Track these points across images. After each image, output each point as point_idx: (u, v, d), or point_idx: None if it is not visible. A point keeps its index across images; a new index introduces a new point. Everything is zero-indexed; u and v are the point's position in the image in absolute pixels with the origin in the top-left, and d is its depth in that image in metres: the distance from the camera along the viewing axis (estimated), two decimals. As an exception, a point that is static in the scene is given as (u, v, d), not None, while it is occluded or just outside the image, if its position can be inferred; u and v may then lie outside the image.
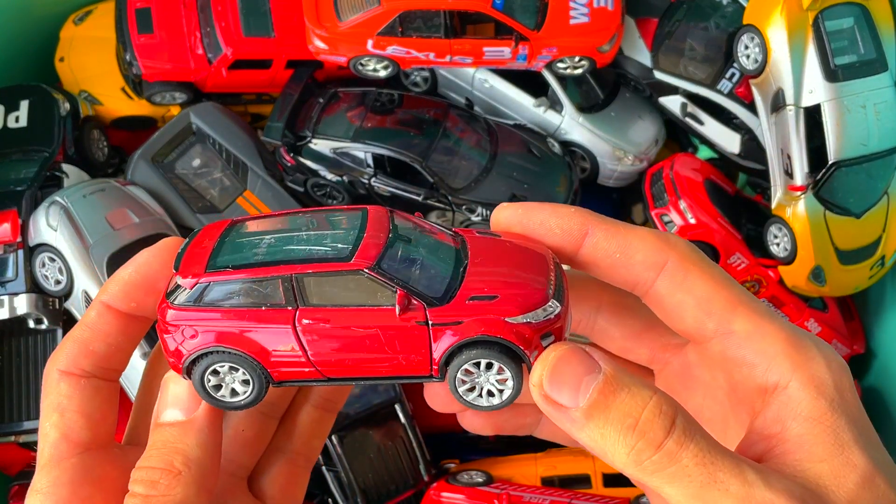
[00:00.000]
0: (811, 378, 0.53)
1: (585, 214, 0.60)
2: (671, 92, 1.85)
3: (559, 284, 0.58)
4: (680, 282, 0.57)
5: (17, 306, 1.61)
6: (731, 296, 0.57)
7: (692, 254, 0.58)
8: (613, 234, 0.59)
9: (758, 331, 0.55)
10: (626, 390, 0.51)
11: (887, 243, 1.71)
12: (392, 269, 0.57)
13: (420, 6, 1.69)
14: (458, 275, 0.58)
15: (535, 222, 0.60)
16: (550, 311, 0.56)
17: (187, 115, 1.86)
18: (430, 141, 1.76)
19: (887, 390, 1.89)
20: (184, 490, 0.55)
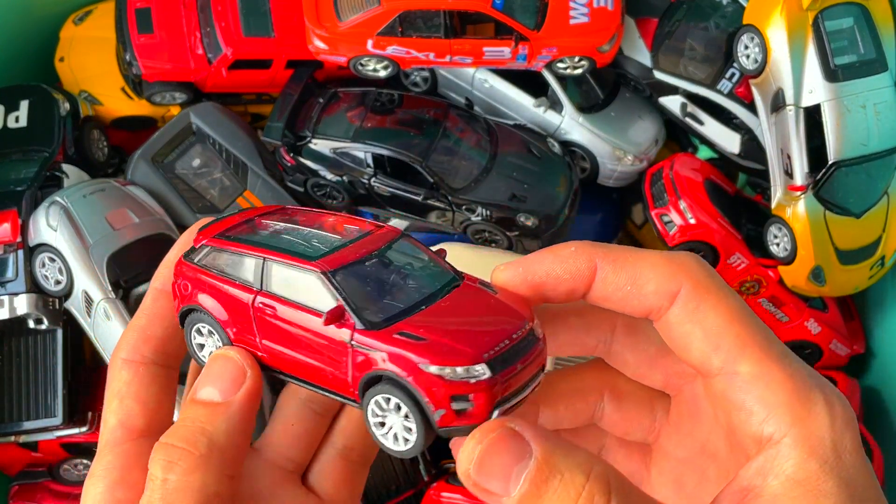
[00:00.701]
0: (807, 436, 0.51)
1: (589, 250, 0.57)
2: (671, 92, 1.85)
3: (511, 354, 0.54)
4: (692, 311, 0.54)
5: (17, 306, 1.62)
6: (744, 332, 0.54)
7: (708, 280, 0.55)
8: (622, 266, 0.56)
9: (763, 376, 0.52)
10: (559, 478, 0.49)
11: (887, 243, 1.71)
12: (345, 281, 0.56)
13: (420, 6, 1.69)
14: (412, 311, 0.56)
15: (541, 275, 0.57)
16: (473, 375, 0.52)
17: (187, 115, 1.86)
18: (430, 141, 1.76)
19: (887, 390, 1.89)
20: (202, 476, 0.54)
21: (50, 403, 1.68)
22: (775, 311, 1.85)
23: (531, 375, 0.56)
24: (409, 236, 0.61)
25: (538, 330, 0.57)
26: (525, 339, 0.55)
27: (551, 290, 0.58)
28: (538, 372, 0.56)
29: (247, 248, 0.60)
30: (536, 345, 0.56)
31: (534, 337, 0.56)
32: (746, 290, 1.83)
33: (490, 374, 0.52)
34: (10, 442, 1.72)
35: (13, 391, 1.68)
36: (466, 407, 0.52)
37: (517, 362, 0.54)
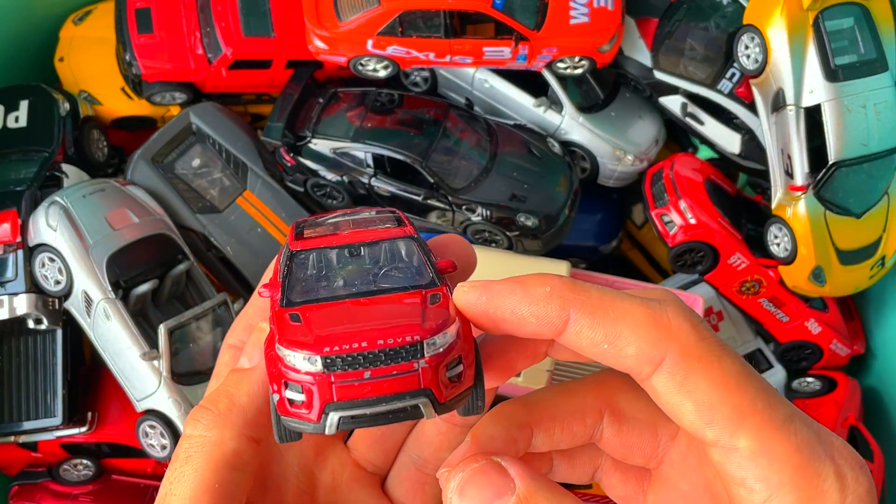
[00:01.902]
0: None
1: (564, 295, 0.50)
2: (671, 92, 1.85)
3: (362, 359, 0.49)
4: (680, 383, 0.48)
5: (16, 306, 1.61)
6: (742, 401, 0.48)
7: (697, 345, 0.49)
8: (600, 322, 0.49)
9: (765, 451, 0.47)
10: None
11: (887, 243, 1.71)
12: (298, 260, 0.57)
13: (420, 6, 1.69)
14: (329, 300, 0.54)
15: (505, 311, 0.51)
16: (304, 365, 0.50)
17: (187, 115, 1.86)
18: (430, 141, 1.76)
19: (887, 390, 1.89)
20: (220, 432, 0.55)
21: (50, 403, 1.68)
22: (775, 311, 1.85)
23: (388, 393, 0.50)
24: (416, 239, 0.57)
25: (432, 350, 0.50)
26: (395, 350, 0.49)
27: (513, 328, 0.52)
28: (405, 395, 0.50)
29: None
30: (408, 362, 0.50)
31: (412, 353, 0.49)
32: (746, 290, 1.83)
33: (320, 370, 0.49)
34: (9, 442, 1.72)
35: (13, 391, 1.68)
36: (297, 398, 0.50)
37: (366, 369, 0.49)
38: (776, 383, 1.90)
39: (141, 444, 1.67)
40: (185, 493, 0.53)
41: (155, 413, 1.61)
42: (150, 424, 1.62)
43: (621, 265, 2.10)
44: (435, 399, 0.50)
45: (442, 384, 0.50)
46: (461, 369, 0.51)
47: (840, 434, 1.72)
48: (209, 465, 0.54)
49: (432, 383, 0.50)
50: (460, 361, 0.51)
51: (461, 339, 0.51)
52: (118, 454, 1.79)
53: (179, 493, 0.54)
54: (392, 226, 0.60)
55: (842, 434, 1.73)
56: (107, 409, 1.75)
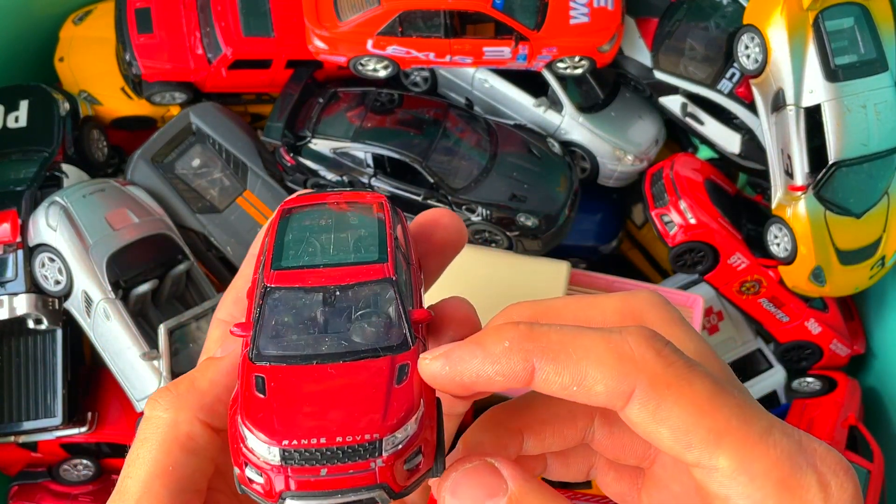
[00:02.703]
0: None
1: (524, 346, 0.49)
2: (671, 92, 1.85)
3: (321, 456, 0.49)
4: (652, 412, 0.48)
5: (16, 306, 1.61)
6: (717, 422, 0.47)
7: (665, 372, 0.48)
8: (564, 366, 0.48)
9: (746, 468, 0.47)
10: None
11: (888, 243, 1.71)
12: (274, 302, 0.56)
13: (420, 6, 1.69)
14: (295, 361, 0.53)
15: (471, 376, 0.50)
16: (265, 454, 0.50)
17: (187, 115, 1.86)
18: (430, 141, 1.76)
19: (887, 390, 1.89)
20: (175, 414, 0.55)
21: (49, 403, 1.68)
22: (775, 311, 1.85)
23: (343, 488, 0.50)
24: (392, 283, 0.55)
25: (391, 449, 0.50)
26: (353, 449, 0.49)
27: (484, 388, 0.51)
28: (360, 489, 0.50)
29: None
30: (366, 461, 0.49)
31: (370, 452, 0.49)
32: (746, 290, 1.83)
33: (278, 463, 0.49)
34: (9, 442, 1.72)
35: (13, 391, 1.68)
36: (257, 479, 0.50)
37: (323, 466, 0.49)
38: (776, 383, 1.90)
39: (141, 444, 1.66)
40: (139, 474, 0.53)
41: (155, 413, 1.61)
42: (150, 424, 1.62)
43: (621, 265, 2.10)
44: (391, 490, 0.50)
45: (398, 478, 0.50)
46: (419, 459, 0.51)
47: (840, 434, 1.72)
48: (163, 447, 0.54)
49: (388, 479, 0.50)
50: (419, 452, 0.51)
51: (423, 426, 0.51)
52: (118, 454, 1.79)
53: (134, 476, 0.53)
54: (373, 252, 0.57)
55: (842, 434, 1.73)
56: (107, 409, 1.75)
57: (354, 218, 0.61)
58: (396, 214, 0.62)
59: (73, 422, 1.70)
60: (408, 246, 0.60)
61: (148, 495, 0.53)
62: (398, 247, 0.58)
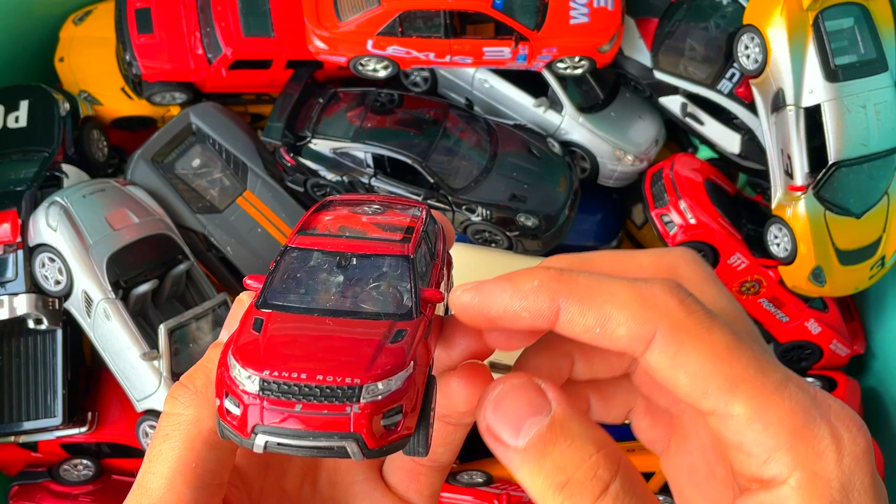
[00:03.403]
0: (812, 478, 0.47)
1: (552, 286, 0.51)
2: (671, 92, 1.85)
3: (297, 391, 0.49)
4: (671, 357, 0.49)
5: (16, 306, 1.62)
6: (734, 370, 0.48)
7: (686, 318, 0.49)
8: (589, 307, 0.50)
9: (760, 415, 0.48)
10: (569, 442, 0.47)
11: (887, 243, 1.71)
12: (289, 260, 0.57)
13: (420, 6, 1.69)
14: (297, 310, 0.54)
15: (498, 309, 0.52)
16: (244, 382, 0.50)
17: (187, 115, 1.86)
18: (430, 141, 1.76)
19: (887, 390, 1.89)
20: (196, 411, 0.54)
21: (50, 403, 1.68)
22: (775, 311, 1.85)
23: (316, 429, 0.49)
24: (410, 261, 0.56)
25: (370, 397, 0.49)
26: (331, 389, 0.49)
27: (509, 324, 0.53)
28: (333, 435, 0.49)
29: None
30: (342, 405, 0.49)
31: (348, 396, 0.49)
32: (746, 290, 1.83)
33: (256, 391, 0.49)
34: (9, 442, 1.72)
35: (13, 391, 1.68)
36: (234, 410, 0.50)
37: (298, 402, 0.49)
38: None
39: (141, 444, 1.67)
40: (162, 471, 0.53)
41: (155, 413, 1.61)
42: (151, 424, 1.62)
43: (621, 265, 2.10)
44: (364, 445, 0.49)
45: (374, 431, 0.49)
46: (399, 418, 0.50)
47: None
48: (186, 444, 0.54)
49: (363, 429, 0.49)
50: (399, 410, 0.50)
51: (408, 386, 0.50)
52: (118, 454, 1.79)
53: (157, 472, 0.53)
54: (398, 236, 0.58)
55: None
56: (107, 409, 1.76)
57: (392, 208, 0.62)
58: (434, 221, 0.63)
59: (73, 422, 1.70)
60: (435, 244, 0.62)
61: (171, 492, 0.53)
62: (426, 239, 0.59)
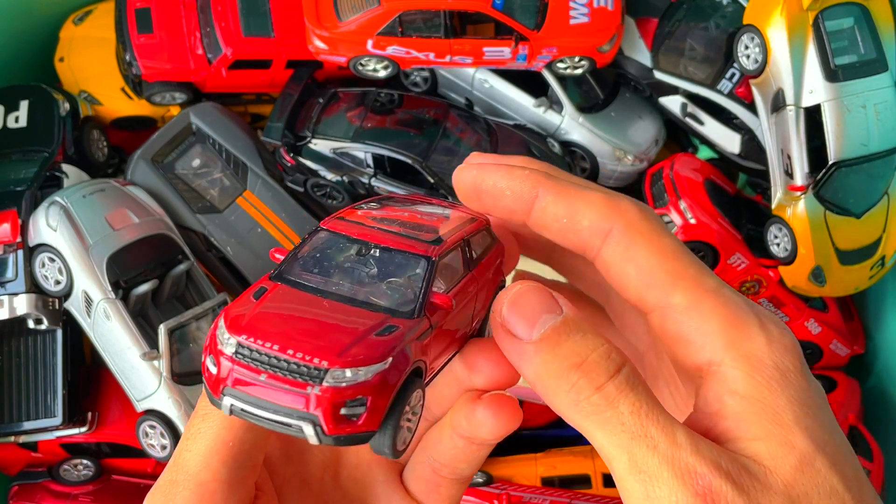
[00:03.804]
0: (745, 356, 0.51)
1: (538, 176, 0.58)
2: (671, 92, 1.85)
3: (268, 360, 0.49)
4: (623, 250, 0.55)
5: (16, 306, 1.62)
6: (676, 267, 0.54)
7: (640, 222, 0.55)
8: (562, 198, 0.57)
9: (696, 306, 0.53)
10: (580, 335, 0.51)
11: (887, 243, 1.71)
12: (317, 240, 0.58)
13: (420, 6, 1.69)
14: (304, 288, 0.54)
15: (489, 184, 0.59)
16: (223, 341, 0.50)
17: (187, 116, 1.86)
18: (430, 141, 1.76)
19: (887, 390, 1.89)
20: (218, 422, 0.55)
21: (50, 403, 1.68)
22: (775, 311, 1.85)
23: (275, 403, 0.49)
24: (429, 262, 0.55)
25: (333, 382, 0.49)
26: (297, 366, 0.49)
27: (493, 202, 0.59)
28: (292, 412, 0.49)
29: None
30: (304, 383, 0.49)
31: (312, 377, 0.49)
32: (747, 290, 1.83)
33: (230, 354, 0.50)
34: (10, 442, 1.72)
35: (13, 391, 1.68)
36: (211, 369, 0.51)
37: (265, 372, 0.49)
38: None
39: (141, 445, 1.67)
40: (199, 449, 0.54)
41: (155, 413, 1.61)
42: (151, 424, 1.62)
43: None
44: (321, 429, 0.49)
45: (333, 418, 0.49)
46: (362, 411, 0.49)
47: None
48: (224, 423, 0.54)
49: (322, 413, 0.49)
50: (363, 403, 0.49)
51: (379, 382, 0.50)
52: (118, 454, 1.79)
53: (194, 450, 0.54)
54: (430, 237, 0.58)
55: (842, 434, 1.73)
56: (107, 409, 1.76)
57: (443, 213, 0.62)
58: (491, 236, 0.63)
59: (73, 422, 1.70)
60: (479, 259, 0.61)
61: (207, 470, 0.54)
62: (464, 249, 0.59)
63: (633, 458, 0.48)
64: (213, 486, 0.53)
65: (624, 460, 0.48)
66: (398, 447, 0.52)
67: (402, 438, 0.53)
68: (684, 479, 0.47)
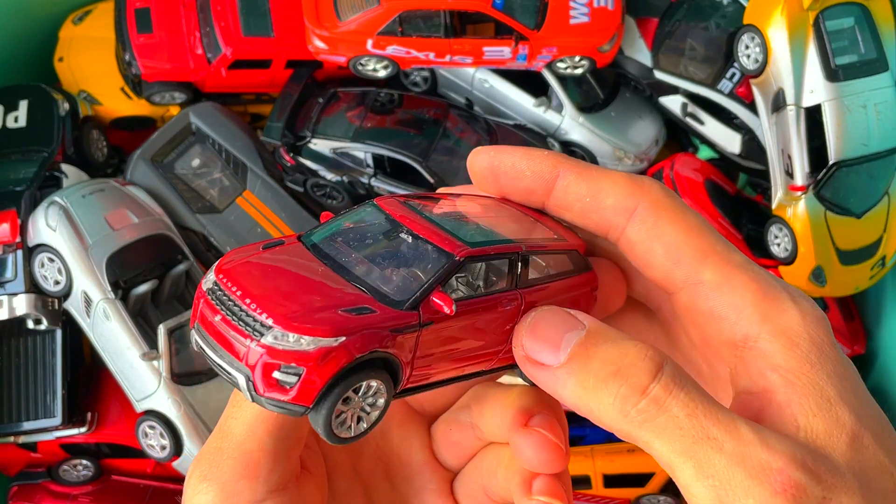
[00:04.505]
0: (782, 330, 0.50)
1: (557, 157, 0.57)
2: (671, 92, 1.85)
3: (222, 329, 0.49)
4: (650, 228, 0.54)
5: (16, 307, 1.61)
6: (703, 244, 0.53)
7: (665, 199, 0.55)
8: (584, 177, 0.56)
9: (727, 281, 0.52)
10: (610, 342, 0.49)
11: (888, 243, 1.71)
12: (362, 211, 0.58)
13: (420, 6, 1.69)
14: (327, 260, 0.53)
15: (507, 164, 0.58)
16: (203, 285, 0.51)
17: (187, 115, 1.86)
18: (430, 141, 1.76)
19: (887, 390, 1.89)
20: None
21: (49, 404, 1.68)
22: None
23: (220, 346, 0.49)
24: (450, 260, 0.52)
25: (272, 341, 0.47)
26: (248, 316, 0.48)
27: (512, 182, 0.58)
28: (232, 360, 0.49)
29: None
30: (248, 335, 0.48)
31: (257, 331, 0.48)
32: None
33: (207, 288, 0.51)
34: (9, 442, 1.72)
35: (12, 391, 1.68)
36: (196, 304, 0.52)
37: (221, 313, 0.49)
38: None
39: (140, 445, 1.66)
40: (245, 417, 0.54)
41: (155, 413, 1.61)
42: (150, 425, 1.62)
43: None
44: (252, 386, 0.48)
45: (264, 377, 0.48)
46: (294, 381, 0.48)
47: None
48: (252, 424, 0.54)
49: (255, 369, 0.48)
50: (298, 374, 0.47)
51: (321, 357, 0.47)
52: (118, 454, 1.79)
53: (239, 417, 0.54)
54: (471, 239, 0.55)
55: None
56: (107, 409, 1.75)
57: (532, 226, 0.59)
58: (582, 265, 0.59)
59: (73, 422, 1.70)
60: (540, 282, 0.56)
61: (252, 439, 0.53)
62: (515, 265, 0.55)
63: (699, 464, 0.45)
64: (257, 456, 0.53)
65: (689, 467, 0.45)
66: (336, 433, 0.50)
67: (344, 426, 0.50)
68: (760, 479, 0.44)
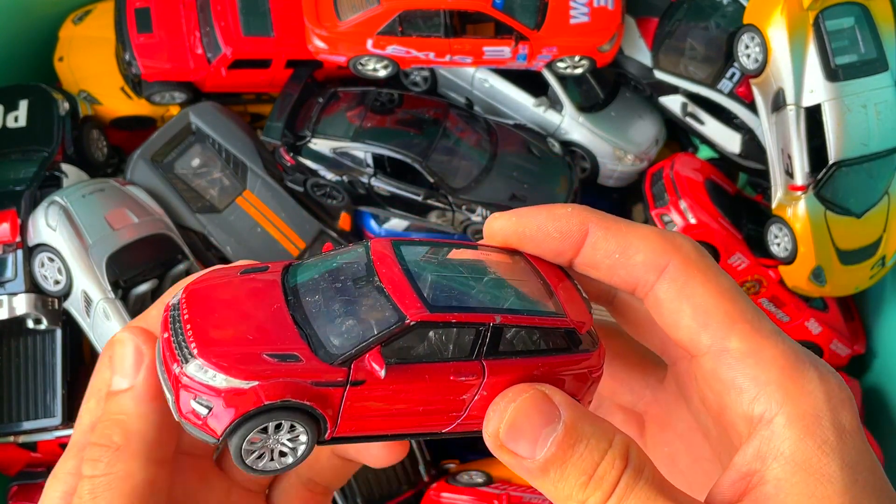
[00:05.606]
0: (802, 414, 0.48)
1: (584, 213, 0.56)
2: (671, 91, 1.85)
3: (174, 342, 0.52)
4: (680, 287, 0.53)
5: (16, 306, 1.61)
6: (733, 309, 0.52)
7: (698, 258, 0.54)
8: (614, 234, 0.55)
9: (754, 352, 0.50)
10: (585, 443, 0.49)
11: (888, 243, 1.71)
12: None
13: (420, 6, 1.69)
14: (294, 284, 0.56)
15: (532, 228, 0.57)
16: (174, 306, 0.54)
17: (187, 115, 1.86)
18: (430, 141, 1.76)
19: (887, 390, 1.89)
20: (125, 465, 0.54)
21: (49, 403, 1.67)
22: (776, 311, 1.85)
23: (163, 361, 0.52)
24: (403, 324, 0.51)
25: (192, 371, 0.49)
26: (183, 344, 0.51)
27: (539, 245, 0.57)
28: (164, 375, 0.52)
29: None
30: (177, 360, 0.50)
31: (183, 358, 0.50)
32: (747, 290, 1.83)
33: (172, 303, 0.54)
34: (9, 442, 1.71)
35: (12, 391, 1.68)
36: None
37: (168, 332, 0.52)
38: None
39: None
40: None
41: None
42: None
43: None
44: (175, 406, 0.51)
45: (182, 402, 0.50)
46: (206, 413, 0.50)
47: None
48: (121, 500, 0.54)
49: (177, 394, 0.50)
50: (209, 406, 0.50)
51: (232, 396, 0.49)
52: (118, 454, 1.78)
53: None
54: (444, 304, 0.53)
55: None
56: (106, 409, 1.75)
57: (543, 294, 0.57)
58: (586, 343, 0.58)
59: (73, 422, 1.69)
60: (515, 355, 0.54)
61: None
62: (484, 336, 0.53)
63: None
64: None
65: None
66: (249, 464, 0.52)
67: (257, 461, 0.52)
68: None
